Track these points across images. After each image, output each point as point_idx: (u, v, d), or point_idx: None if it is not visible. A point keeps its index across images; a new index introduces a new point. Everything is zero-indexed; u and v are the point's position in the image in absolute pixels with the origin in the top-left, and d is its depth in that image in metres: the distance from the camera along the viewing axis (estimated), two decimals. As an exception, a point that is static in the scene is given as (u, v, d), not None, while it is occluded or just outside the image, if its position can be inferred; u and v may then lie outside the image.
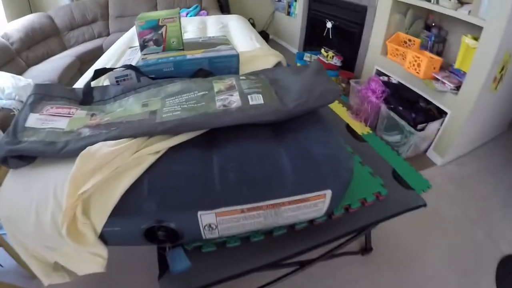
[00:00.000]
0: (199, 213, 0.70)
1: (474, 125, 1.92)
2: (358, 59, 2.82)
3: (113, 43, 1.87)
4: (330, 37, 3.16)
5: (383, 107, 2.16)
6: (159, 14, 1.13)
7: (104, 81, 1.14)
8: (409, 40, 2.21)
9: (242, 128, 0.80)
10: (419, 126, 1.92)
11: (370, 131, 2.32)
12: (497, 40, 1.54)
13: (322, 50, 3.05)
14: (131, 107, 0.89)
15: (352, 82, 2.57)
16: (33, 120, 0.87)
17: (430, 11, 2.15)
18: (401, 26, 2.33)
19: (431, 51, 2.12)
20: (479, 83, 1.68)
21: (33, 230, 0.75)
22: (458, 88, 1.83)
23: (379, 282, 1.32)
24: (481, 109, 1.82)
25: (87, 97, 0.98)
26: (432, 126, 1.96)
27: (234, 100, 0.83)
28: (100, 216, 0.69)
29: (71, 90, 1.01)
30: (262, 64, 1.21)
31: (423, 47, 2.17)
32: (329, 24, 3.14)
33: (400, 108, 2.06)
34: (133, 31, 2.11)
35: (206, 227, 0.73)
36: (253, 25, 3.33)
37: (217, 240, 0.84)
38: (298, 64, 3.18)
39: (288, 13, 4.15)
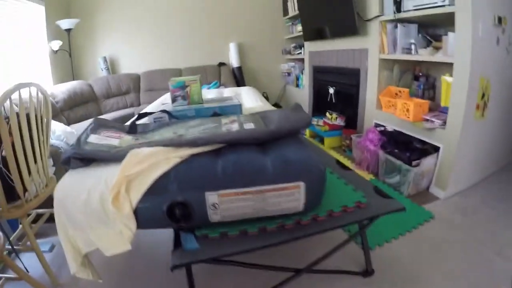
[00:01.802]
0: (206, 193, 1.04)
1: (470, 154, 2.02)
2: (359, 116, 3.07)
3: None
4: (333, 101, 3.49)
5: (381, 153, 2.36)
6: (185, 78, 1.59)
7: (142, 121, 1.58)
8: (400, 92, 2.46)
9: (239, 145, 1.15)
10: (414, 162, 2.06)
11: (373, 177, 2.50)
12: (466, 68, 1.72)
13: (327, 113, 3.36)
14: (164, 134, 1.29)
15: (353, 137, 2.82)
16: (93, 138, 1.28)
17: (416, 63, 2.45)
18: (391, 81, 2.58)
19: (422, 97, 2.35)
20: (461, 113, 1.82)
21: (82, 205, 1.06)
22: (446, 123, 1.99)
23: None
24: (471, 137, 1.95)
25: (132, 129, 1.39)
26: (427, 161, 2.10)
27: (234, 126, 1.24)
28: (137, 193, 1.03)
29: (120, 124, 1.44)
30: None
31: (414, 95, 2.41)
32: (331, 90, 3.49)
33: (396, 150, 2.23)
34: (162, 99, 2.64)
35: (211, 207, 1.06)
36: (266, 98, 3.79)
37: (221, 229, 1.13)
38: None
39: (297, 85, 4.62)
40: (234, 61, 4.77)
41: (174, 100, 1.56)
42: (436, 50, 2.12)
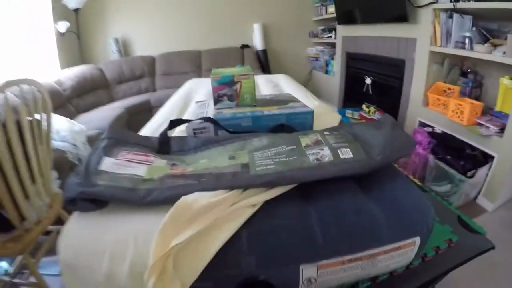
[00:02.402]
0: (302, 266, 0.67)
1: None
2: (400, 112, 2.85)
3: (162, 98, 1.95)
4: (370, 92, 3.22)
5: (431, 158, 2.15)
6: (233, 70, 1.17)
7: (174, 132, 1.16)
8: (449, 89, 2.24)
9: (330, 180, 0.80)
10: (469, 173, 1.91)
11: (419, 183, 2.23)
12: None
13: (364, 106, 3.10)
14: (216, 159, 0.89)
15: None
16: (109, 164, 0.87)
17: (464, 58, 2.21)
18: (439, 76, 2.38)
19: (469, 96, 2.15)
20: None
21: (104, 281, 0.70)
22: (502, 130, 1.83)
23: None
24: (528, 149, 1.80)
25: (164, 147, 0.98)
26: (481, 171, 1.95)
27: (326, 154, 0.83)
28: (193, 270, 0.65)
29: (145, 137, 1.03)
30: (327, 120, 1.23)
31: (462, 93, 2.20)
32: (368, 80, 3.22)
33: (448, 157, 2.05)
34: (187, 88, 2.20)
35: (305, 282, 0.69)
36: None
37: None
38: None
39: (326, 72, 4.30)
40: (258, 44, 4.41)
41: (217, 100, 1.14)
42: (493, 48, 1.90)
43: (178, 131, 1.21)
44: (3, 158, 1.07)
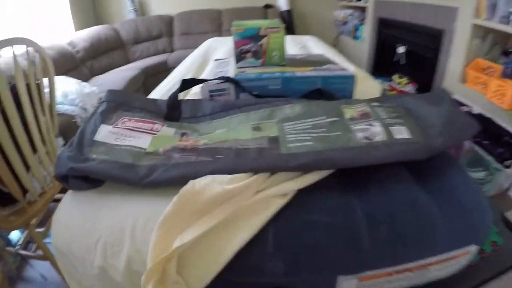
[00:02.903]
0: (340, 278, 0.51)
1: None
2: (434, 87, 2.57)
3: (179, 59, 1.78)
4: (402, 62, 2.92)
5: (467, 141, 1.94)
6: (259, 22, 0.97)
7: (188, 95, 0.99)
8: (489, 67, 2.01)
9: (379, 166, 0.60)
10: (506, 163, 1.72)
11: None
12: None
13: (395, 77, 2.84)
14: (237, 129, 0.71)
15: None
16: (105, 133, 0.71)
17: (509, 36, 1.97)
18: (480, 52, 2.13)
19: (510, 78, 1.91)
20: None
21: (97, 274, 0.58)
22: None
23: None
24: None
25: (173, 112, 0.80)
26: None
27: (377, 131, 0.63)
28: (203, 276, 0.49)
29: (152, 101, 0.85)
30: (366, 89, 1.01)
31: (503, 74, 1.96)
32: (400, 49, 2.91)
33: (486, 142, 1.84)
34: (206, 46, 2.00)
35: None
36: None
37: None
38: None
39: (355, 37, 3.98)
40: (282, 4, 4.07)
41: (240, 57, 0.95)
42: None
43: (193, 94, 1.04)
44: None
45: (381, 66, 3.39)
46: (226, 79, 0.83)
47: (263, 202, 0.53)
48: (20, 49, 1.05)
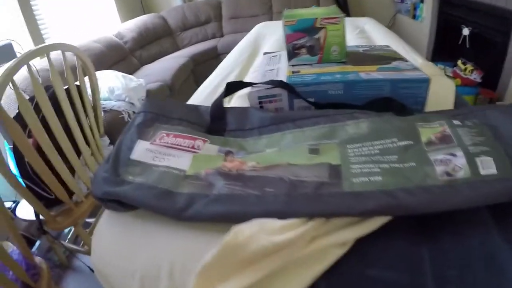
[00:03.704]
0: None
1: None
2: (502, 76, 2.23)
3: (229, 44, 1.67)
4: (467, 46, 2.58)
5: None
6: (314, 12, 0.83)
7: (232, 100, 0.88)
8: None
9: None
10: None
11: None
12: None
13: (459, 62, 2.50)
14: (290, 149, 0.60)
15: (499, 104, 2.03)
16: (142, 150, 0.64)
17: None
18: None
19: None
20: None
21: None
22: None
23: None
24: None
25: (217, 123, 0.70)
26: None
27: (460, 165, 0.49)
28: None
29: (193, 109, 0.76)
30: (439, 89, 0.81)
31: None
32: (465, 31, 2.56)
33: None
34: (255, 33, 1.86)
35: None
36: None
37: None
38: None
39: (414, 16, 3.61)
40: None
41: (292, 54, 0.82)
42: None
43: (239, 96, 0.93)
44: (40, 137, 0.91)
45: (443, 49, 3.04)
46: (277, 84, 0.71)
47: (317, 252, 0.44)
48: (57, 54, 1.02)
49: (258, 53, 1.55)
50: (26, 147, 0.90)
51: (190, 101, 1.07)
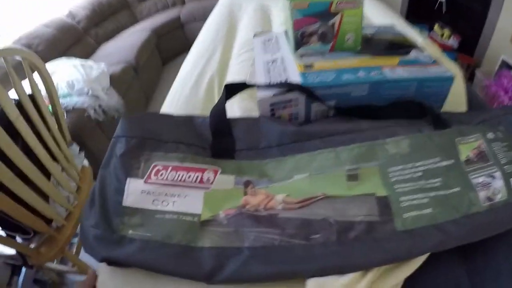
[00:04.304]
0: None
1: None
2: (480, 43, 2.21)
3: (193, 12, 1.42)
4: (443, 11, 2.53)
5: None
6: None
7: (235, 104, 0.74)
8: None
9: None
10: None
11: None
12: None
13: (436, 27, 2.48)
14: (324, 174, 0.50)
15: (477, 72, 2.08)
16: (136, 193, 0.51)
17: None
18: None
19: None
20: None
21: None
22: None
23: None
24: None
25: (223, 142, 0.57)
26: None
27: (498, 187, 0.47)
28: None
29: (187, 122, 0.60)
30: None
31: None
32: None
33: None
34: (227, 2, 1.65)
35: None
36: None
37: None
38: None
39: None
40: None
41: (300, 42, 0.68)
42: None
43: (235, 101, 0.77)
44: None
45: (418, 12, 2.92)
46: (294, 87, 0.57)
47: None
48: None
49: (237, 28, 1.38)
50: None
51: (170, 102, 0.91)
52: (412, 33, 1.03)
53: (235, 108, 0.74)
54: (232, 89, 0.63)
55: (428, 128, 0.52)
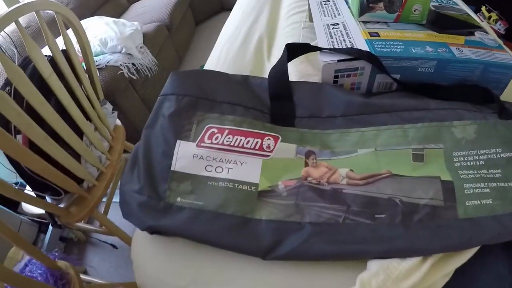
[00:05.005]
0: None
1: None
2: None
3: None
4: None
5: None
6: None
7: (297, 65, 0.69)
8: None
9: None
10: None
11: None
12: None
13: (483, 9, 2.27)
14: (390, 151, 0.47)
15: None
16: (187, 157, 0.48)
17: None
18: None
19: None
20: None
21: None
22: None
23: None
24: None
25: (284, 107, 0.54)
26: None
27: None
28: None
29: (243, 82, 0.57)
30: None
31: None
32: None
33: None
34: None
35: None
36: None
37: None
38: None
39: None
40: None
41: (366, 6, 0.63)
42: None
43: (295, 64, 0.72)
44: (30, 132, 0.72)
45: None
46: (363, 55, 0.53)
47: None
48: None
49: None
50: (16, 150, 0.71)
51: (215, 62, 0.87)
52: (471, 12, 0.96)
53: (290, 70, 0.70)
54: (294, 50, 0.59)
55: (493, 116, 0.49)
